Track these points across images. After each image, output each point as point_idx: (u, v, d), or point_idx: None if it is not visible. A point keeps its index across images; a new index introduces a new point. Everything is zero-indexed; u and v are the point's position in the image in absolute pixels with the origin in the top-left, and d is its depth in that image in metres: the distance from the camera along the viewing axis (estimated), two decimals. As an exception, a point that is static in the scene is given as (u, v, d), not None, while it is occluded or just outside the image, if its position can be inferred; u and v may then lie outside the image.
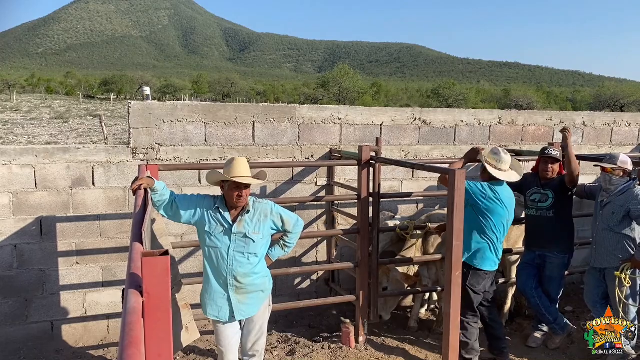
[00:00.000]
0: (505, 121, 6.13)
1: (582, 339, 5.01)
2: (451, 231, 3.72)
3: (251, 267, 3.37)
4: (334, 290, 5.53)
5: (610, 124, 6.68)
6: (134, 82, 79.31)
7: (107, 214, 4.74)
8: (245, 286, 3.38)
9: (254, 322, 3.53)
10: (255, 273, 3.39)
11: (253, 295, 3.43)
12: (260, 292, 3.48)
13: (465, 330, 4.34)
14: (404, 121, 5.69)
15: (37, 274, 4.61)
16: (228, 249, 3.33)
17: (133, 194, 3.11)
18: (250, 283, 3.40)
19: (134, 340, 1.36)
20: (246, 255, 3.34)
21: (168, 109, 4.81)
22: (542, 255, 4.79)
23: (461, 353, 4.36)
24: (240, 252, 3.33)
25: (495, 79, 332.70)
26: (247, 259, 3.35)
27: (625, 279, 4.38)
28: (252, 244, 3.34)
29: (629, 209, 4.35)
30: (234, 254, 3.33)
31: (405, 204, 5.87)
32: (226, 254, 3.33)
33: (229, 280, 3.35)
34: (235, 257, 3.33)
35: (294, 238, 3.62)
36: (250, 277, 3.38)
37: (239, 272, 3.34)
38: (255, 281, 3.42)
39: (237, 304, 3.40)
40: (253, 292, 3.43)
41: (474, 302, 4.32)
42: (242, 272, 3.35)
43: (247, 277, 3.36)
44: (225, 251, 3.33)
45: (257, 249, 3.38)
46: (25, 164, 4.46)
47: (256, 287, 3.44)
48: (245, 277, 3.36)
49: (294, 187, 5.35)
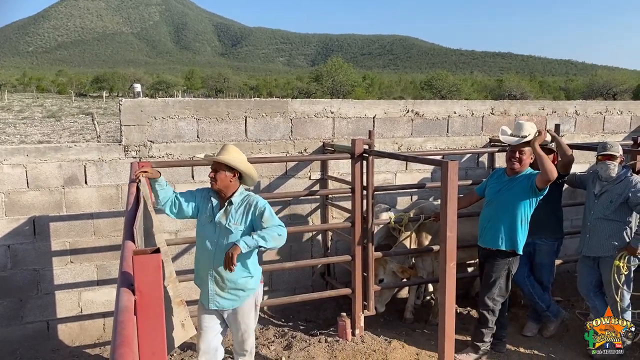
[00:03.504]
0: (497, 111, 6.13)
1: (577, 327, 5.06)
2: (445, 222, 3.73)
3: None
4: (329, 284, 5.54)
5: (603, 112, 6.70)
6: (126, 79, 78.94)
7: (100, 212, 4.72)
8: (224, 280, 3.37)
9: (237, 320, 3.50)
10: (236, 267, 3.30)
11: (232, 292, 3.41)
12: (241, 291, 3.42)
13: (495, 316, 4.48)
14: (397, 113, 5.69)
15: (32, 274, 4.60)
16: (212, 239, 3.36)
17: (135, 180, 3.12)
18: (229, 278, 3.37)
19: (126, 339, 1.35)
20: (228, 247, 3.28)
21: (159, 105, 4.78)
22: (531, 243, 4.82)
23: (483, 338, 4.49)
24: (223, 243, 3.33)
25: (488, 69, 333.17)
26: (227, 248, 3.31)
27: (623, 267, 4.42)
28: (232, 236, 3.30)
29: (627, 197, 4.37)
30: (217, 245, 3.34)
31: (400, 197, 5.87)
32: (210, 243, 3.36)
33: (209, 271, 3.39)
34: (218, 248, 3.34)
35: (269, 234, 3.20)
36: (229, 272, 3.30)
37: (220, 264, 3.32)
38: (235, 278, 3.36)
39: (214, 294, 3.41)
40: (232, 289, 3.40)
41: (510, 287, 4.47)
42: (219, 261, 3.34)
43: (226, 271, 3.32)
44: (210, 241, 3.36)
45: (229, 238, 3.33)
46: (16, 164, 4.43)
47: (235, 284, 3.38)
48: (225, 270, 3.30)
49: (288, 182, 5.34)
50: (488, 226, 4.41)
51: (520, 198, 4.26)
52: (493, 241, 4.36)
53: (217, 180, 3.33)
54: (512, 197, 4.29)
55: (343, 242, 5.54)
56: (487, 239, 4.41)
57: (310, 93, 59.29)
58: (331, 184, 5.45)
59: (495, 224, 4.35)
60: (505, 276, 4.40)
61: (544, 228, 4.78)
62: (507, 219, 4.30)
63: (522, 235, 4.33)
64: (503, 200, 4.34)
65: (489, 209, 4.46)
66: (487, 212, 4.47)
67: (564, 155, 4.76)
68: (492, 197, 4.44)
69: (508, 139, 4.37)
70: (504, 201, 4.33)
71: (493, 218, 4.37)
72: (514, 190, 4.29)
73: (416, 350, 4.62)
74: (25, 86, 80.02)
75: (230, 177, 3.35)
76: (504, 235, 4.31)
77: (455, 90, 61.96)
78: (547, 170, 4.03)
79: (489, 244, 4.40)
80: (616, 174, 4.47)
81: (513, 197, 4.29)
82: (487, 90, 70.41)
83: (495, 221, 4.35)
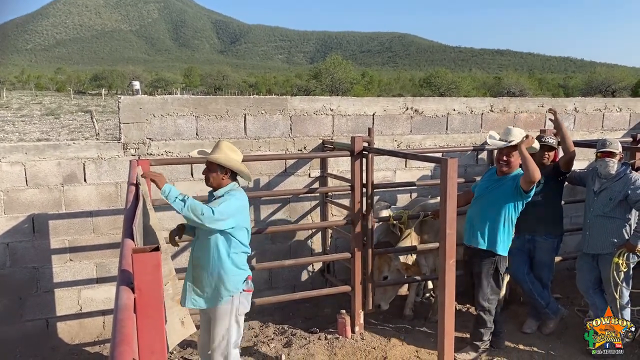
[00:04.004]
0: (497, 109, 6.13)
1: (576, 324, 5.06)
2: (444, 219, 3.73)
3: (204, 256, 3.32)
4: (329, 281, 5.54)
5: (602, 109, 6.69)
6: (125, 76, 78.83)
7: (100, 210, 4.72)
8: (196, 275, 3.38)
9: (209, 320, 3.47)
10: (208, 264, 3.31)
11: (206, 289, 3.37)
12: (214, 290, 3.35)
13: (492, 315, 4.48)
14: (396, 111, 5.68)
15: (31, 272, 4.59)
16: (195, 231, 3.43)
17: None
18: (198, 275, 3.36)
19: (126, 338, 1.35)
20: (202, 239, 3.34)
21: (158, 103, 4.77)
22: (531, 240, 4.83)
23: (482, 337, 4.49)
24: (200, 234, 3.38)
25: (487, 66, 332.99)
26: (203, 244, 3.34)
27: (622, 264, 4.43)
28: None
29: (626, 194, 4.37)
30: (197, 236, 3.41)
31: (399, 194, 5.87)
32: (194, 235, 3.45)
33: (189, 263, 3.46)
34: (197, 239, 3.41)
35: (193, 204, 3.10)
36: (201, 268, 3.33)
37: (194, 255, 3.41)
38: (204, 274, 3.33)
39: (190, 290, 3.40)
40: (204, 287, 3.37)
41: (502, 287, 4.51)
42: (195, 256, 3.40)
43: (198, 265, 3.36)
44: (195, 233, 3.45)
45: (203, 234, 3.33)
46: (15, 162, 4.42)
47: (204, 282, 3.35)
48: (197, 264, 3.36)
49: (287, 180, 5.34)
50: (472, 224, 4.41)
51: (505, 199, 4.26)
52: (475, 239, 4.35)
53: (209, 178, 3.38)
54: (497, 197, 4.30)
55: (342, 239, 5.54)
56: (470, 236, 4.41)
57: (310, 90, 59.25)
58: (331, 181, 5.44)
59: (478, 223, 4.34)
60: (493, 275, 4.38)
61: (544, 225, 4.78)
62: (490, 218, 4.30)
63: (503, 236, 4.31)
64: (489, 198, 4.35)
65: (474, 207, 4.45)
66: (472, 210, 4.47)
67: (567, 150, 4.74)
68: (480, 193, 4.46)
69: (496, 143, 4.39)
70: (490, 200, 4.33)
71: (477, 217, 4.37)
72: (500, 190, 4.30)
73: (416, 347, 4.63)
74: (24, 84, 79.86)
75: (222, 176, 3.36)
76: (485, 234, 4.31)
77: (454, 88, 61.94)
78: (529, 172, 4.03)
79: (471, 242, 4.39)
80: (615, 171, 4.47)
81: (498, 196, 4.29)
82: (486, 87, 70.37)
83: (478, 220, 4.35)
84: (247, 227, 3.44)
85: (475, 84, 75.75)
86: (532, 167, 4.03)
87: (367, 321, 4.96)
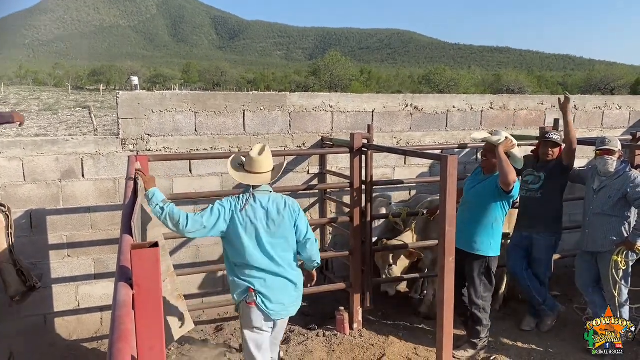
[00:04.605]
0: (497, 106, 6.11)
1: (575, 322, 5.06)
2: (444, 217, 3.72)
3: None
4: (327, 278, 5.53)
5: (601, 107, 6.69)
6: (123, 72, 78.66)
7: (98, 205, 4.70)
8: None
9: None
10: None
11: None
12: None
13: (487, 312, 4.49)
14: (396, 108, 5.67)
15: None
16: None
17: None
18: None
19: (124, 334, 1.34)
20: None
21: (157, 98, 4.75)
22: (529, 237, 4.82)
23: (480, 335, 4.48)
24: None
25: (486, 64, 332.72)
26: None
27: (621, 262, 4.42)
28: None
29: (626, 192, 4.37)
30: None
31: (398, 191, 5.85)
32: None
33: None
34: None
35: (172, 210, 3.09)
36: None
37: None
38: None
39: None
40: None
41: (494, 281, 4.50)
42: None
43: None
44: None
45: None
46: (13, 157, 4.40)
47: None
48: None
49: (286, 176, 5.32)
50: (460, 228, 4.24)
51: (489, 200, 4.26)
52: (464, 243, 4.25)
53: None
54: (482, 196, 4.29)
55: (341, 236, 5.53)
56: (459, 239, 4.12)
57: (308, 87, 59.22)
58: (330, 178, 5.43)
59: (466, 226, 4.27)
60: (485, 273, 4.39)
61: (542, 223, 4.76)
62: (478, 220, 4.29)
63: (493, 238, 4.30)
64: (474, 199, 4.35)
65: (462, 209, 4.38)
66: (460, 213, 4.27)
67: (570, 144, 4.63)
68: (467, 192, 4.47)
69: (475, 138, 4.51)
70: (476, 202, 4.33)
71: (465, 220, 4.28)
72: (484, 189, 4.30)
73: (414, 344, 4.63)
74: (21, 79, 79.56)
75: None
76: (475, 238, 4.30)
77: (453, 85, 61.94)
78: (502, 174, 4.06)
79: (461, 245, 4.17)
80: (615, 169, 4.46)
81: (483, 196, 4.29)
82: (485, 84, 70.38)
83: (467, 223, 4.28)
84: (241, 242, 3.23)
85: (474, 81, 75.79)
86: (506, 169, 4.05)
87: (366, 318, 4.96)
